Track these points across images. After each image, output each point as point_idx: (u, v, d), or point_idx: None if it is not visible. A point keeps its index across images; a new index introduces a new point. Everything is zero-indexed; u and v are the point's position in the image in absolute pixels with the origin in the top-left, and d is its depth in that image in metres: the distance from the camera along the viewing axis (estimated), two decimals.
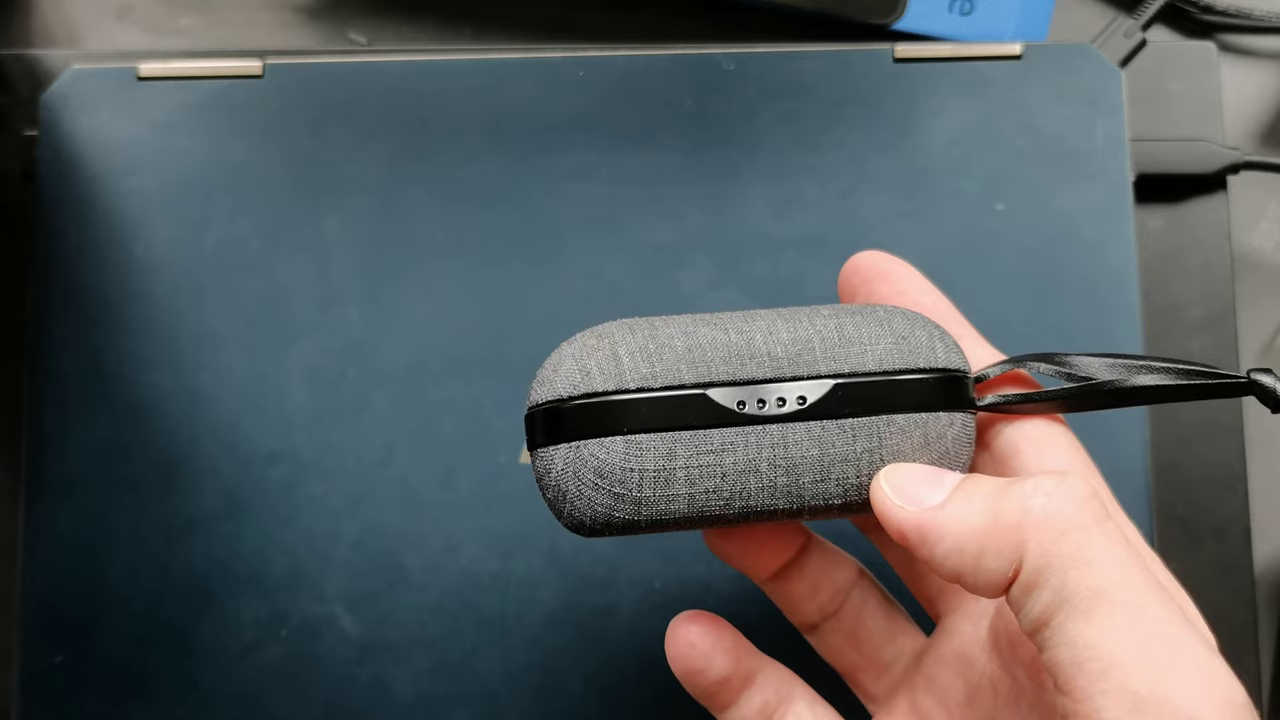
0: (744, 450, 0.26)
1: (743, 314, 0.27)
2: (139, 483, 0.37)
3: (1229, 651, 0.38)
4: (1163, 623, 0.22)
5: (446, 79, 0.39)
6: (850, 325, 0.27)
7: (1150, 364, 0.27)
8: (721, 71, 0.39)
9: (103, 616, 0.37)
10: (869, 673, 0.31)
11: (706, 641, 0.29)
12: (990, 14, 0.42)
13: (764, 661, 0.30)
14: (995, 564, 0.24)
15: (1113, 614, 0.22)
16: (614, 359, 0.26)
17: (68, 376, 0.37)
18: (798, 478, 0.26)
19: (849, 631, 0.31)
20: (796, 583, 0.31)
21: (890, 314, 0.27)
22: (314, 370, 0.37)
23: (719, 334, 0.26)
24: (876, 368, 0.26)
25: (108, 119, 0.39)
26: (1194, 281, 0.41)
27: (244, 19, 0.46)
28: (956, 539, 0.24)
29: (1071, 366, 0.27)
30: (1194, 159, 0.40)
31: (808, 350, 0.26)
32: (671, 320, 0.27)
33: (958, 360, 0.27)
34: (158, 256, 0.38)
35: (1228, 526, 0.39)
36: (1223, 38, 0.45)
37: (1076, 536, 0.23)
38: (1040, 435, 0.28)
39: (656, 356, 0.26)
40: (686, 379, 0.26)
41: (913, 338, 0.27)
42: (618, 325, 0.27)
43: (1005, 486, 0.24)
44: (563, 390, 0.26)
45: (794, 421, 0.26)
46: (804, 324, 0.27)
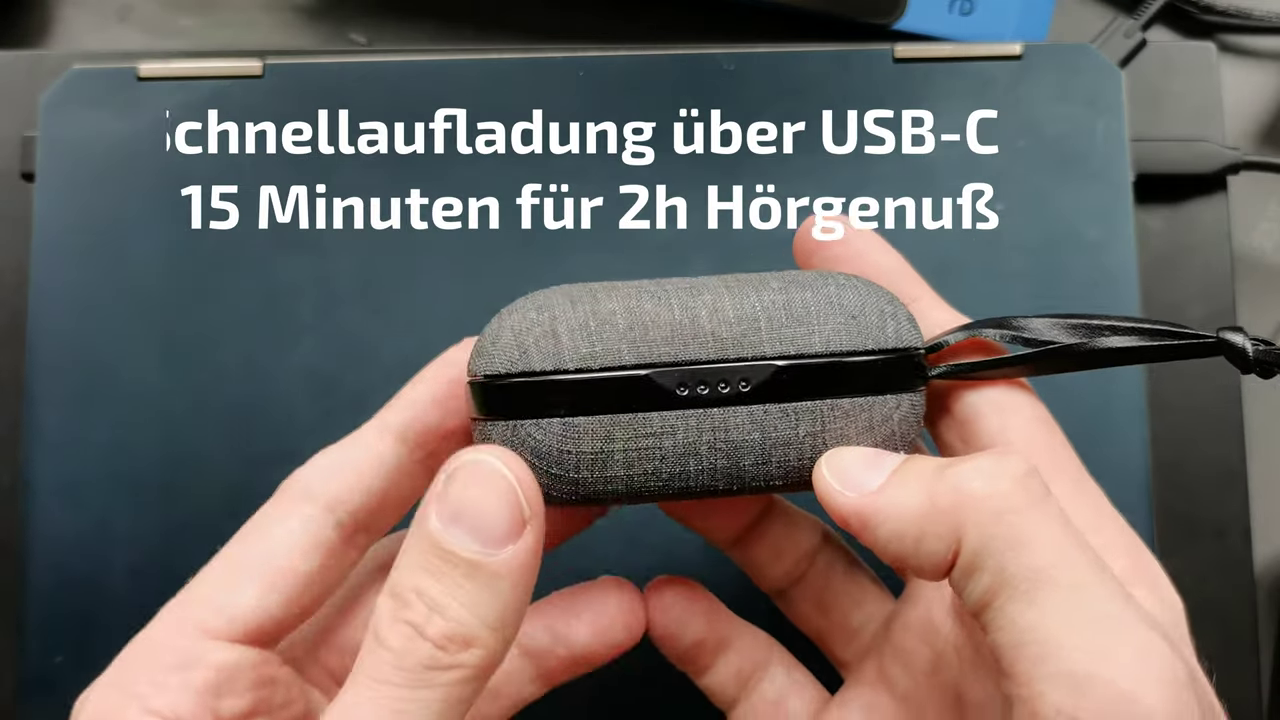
0: (684, 434, 0.25)
1: (690, 284, 0.26)
2: (139, 483, 0.37)
3: (1229, 651, 0.39)
4: (1102, 602, 0.22)
5: (446, 79, 0.39)
6: (799, 301, 0.26)
7: (1116, 324, 0.27)
8: (721, 71, 0.39)
9: (103, 616, 0.37)
10: (838, 638, 0.31)
11: (681, 605, 0.30)
12: (990, 14, 0.42)
13: (741, 627, 0.30)
14: (934, 547, 0.23)
15: (1051, 596, 0.22)
16: (553, 336, 0.25)
17: (68, 376, 0.37)
18: (738, 460, 0.26)
19: (816, 597, 0.31)
20: (758, 547, 0.31)
21: (842, 287, 0.26)
22: (314, 370, 0.37)
23: (663, 310, 0.26)
24: (823, 349, 0.26)
25: (108, 119, 0.39)
26: (1194, 281, 0.40)
27: (244, 19, 0.46)
28: (895, 524, 0.24)
29: (1028, 330, 0.27)
30: (1194, 159, 0.40)
31: (753, 330, 0.25)
32: (616, 289, 0.26)
33: (910, 336, 0.26)
34: (158, 256, 0.38)
35: (1228, 526, 0.39)
36: (1223, 38, 0.45)
37: (1013, 518, 0.23)
38: (1002, 400, 0.27)
39: (597, 335, 0.25)
40: (627, 359, 0.25)
41: (863, 316, 0.26)
42: (561, 294, 0.26)
43: (942, 469, 0.24)
44: (500, 366, 0.25)
45: (736, 405, 0.25)
46: (751, 298, 0.26)
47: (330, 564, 0.27)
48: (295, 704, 0.27)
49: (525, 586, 0.23)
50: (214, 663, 0.25)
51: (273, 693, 0.26)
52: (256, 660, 0.26)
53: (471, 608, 0.22)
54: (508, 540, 0.23)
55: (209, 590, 0.26)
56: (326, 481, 0.27)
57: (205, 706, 0.25)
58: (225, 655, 0.25)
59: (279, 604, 0.26)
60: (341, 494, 0.27)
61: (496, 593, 0.23)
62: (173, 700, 0.24)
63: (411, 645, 0.22)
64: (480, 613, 0.22)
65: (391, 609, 0.23)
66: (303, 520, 0.26)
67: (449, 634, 0.22)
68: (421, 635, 0.22)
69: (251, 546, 0.26)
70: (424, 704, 0.22)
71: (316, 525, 0.26)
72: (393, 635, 0.22)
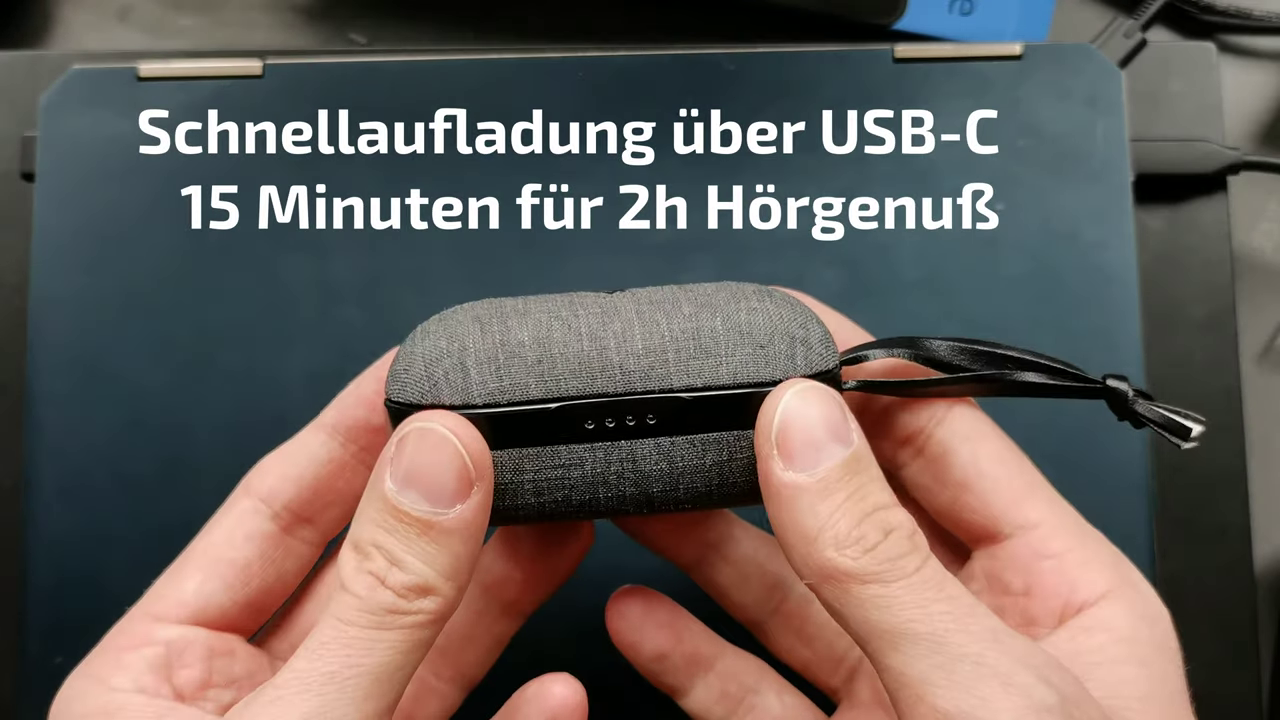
0: (591, 465, 0.26)
1: (603, 308, 0.26)
2: (139, 483, 0.37)
3: (1229, 651, 0.39)
4: (962, 648, 0.23)
5: (446, 79, 0.39)
6: (708, 330, 0.26)
7: (1014, 355, 0.28)
8: (721, 71, 0.39)
9: (103, 616, 0.36)
10: (825, 668, 0.31)
11: (637, 613, 0.30)
12: (990, 14, 0.42)
13: (724, 648, 0.31)
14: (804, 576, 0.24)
15: (915, 645, 0.23)
16: (461, 370, 0.25)
17: (68, 376, 0.37)
18: (646, 489, 0.26)
19: (797, 628, 0.31)
20: (723, 571, 0.31)
21: (753, 313, 0.26)
22: (314, 370, 0.37)
23: (572, 339, 0.26)
24: (730, 381, 0.25)
25: (108, 119, 0.39)
26: (1194, 281, 0.40)
27: (244, 19, 0.46)
28: (790, 533, 0.24)
29: (933, 352, 0.28)
30: (1194, 159, 0.40)
31: (660, 363, 0.25)
32: (529, 312, 0.26)
33: (821, 360, 0.26)
34: (157, 256, 0.38)
35: (1228, 526, 0.39)
36: (1223, 38, 0.45)
37: (877, 587, 0.23)
38: (966, 430, 0.28)
39: (505, 369, 0.25)
40: (534, 394, 0.25)
41: (771, 345, 0.26)
42: (472, 319, 0.26)
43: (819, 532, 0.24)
44: (412, 395, 0.26)
45: (643, 437, 0.26)
46: (660, 326, 0.26)
47: (271, 552, 0.29)
48: (260, 673, 0.29)
49: (475, 540, 0.25)
50: (163, 639, 0.28)
51: (230, 663, 0.28)
52: (207, 637, 0.28)
53: (427, 561, 0.24)
54: (456, 500, 0.24)
55: (161, 584, 0.29)
56: (264, 477, 0.29)
57: (161, 677, 0.27)
58: (173, 633, 0.28)
59: (220, 588, 0.28)
60: (276, 487, 0.29)
61: (448, 547, 0.24)
62: (131, 676, 0.27)
63: (374, 593, 0.24)
64: (435, 565, 0.24)
65: (355, 560, 0.24)
66: (240, 513, 0.29)
67: (408, 584, 0.24)
68: (383, 584, 0.24)
69: (198, 542, 0.29)
70: (388, 643, 0.24)
71: (252, 517, 0.29)
72: (357, 583, 0.24)
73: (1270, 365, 0.43)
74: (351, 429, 0.29)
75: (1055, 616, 0.26)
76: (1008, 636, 0.23)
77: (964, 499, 0.28)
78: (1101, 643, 0.26)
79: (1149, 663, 0.26)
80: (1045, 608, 0.27)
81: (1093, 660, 0.25)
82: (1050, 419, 0.37)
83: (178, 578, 0.29)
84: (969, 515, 0.28)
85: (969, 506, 0.28)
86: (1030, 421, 0.37)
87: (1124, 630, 0.26)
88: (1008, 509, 0.27)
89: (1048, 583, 0.27)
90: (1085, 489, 0.36)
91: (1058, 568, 0.27)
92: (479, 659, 0.31)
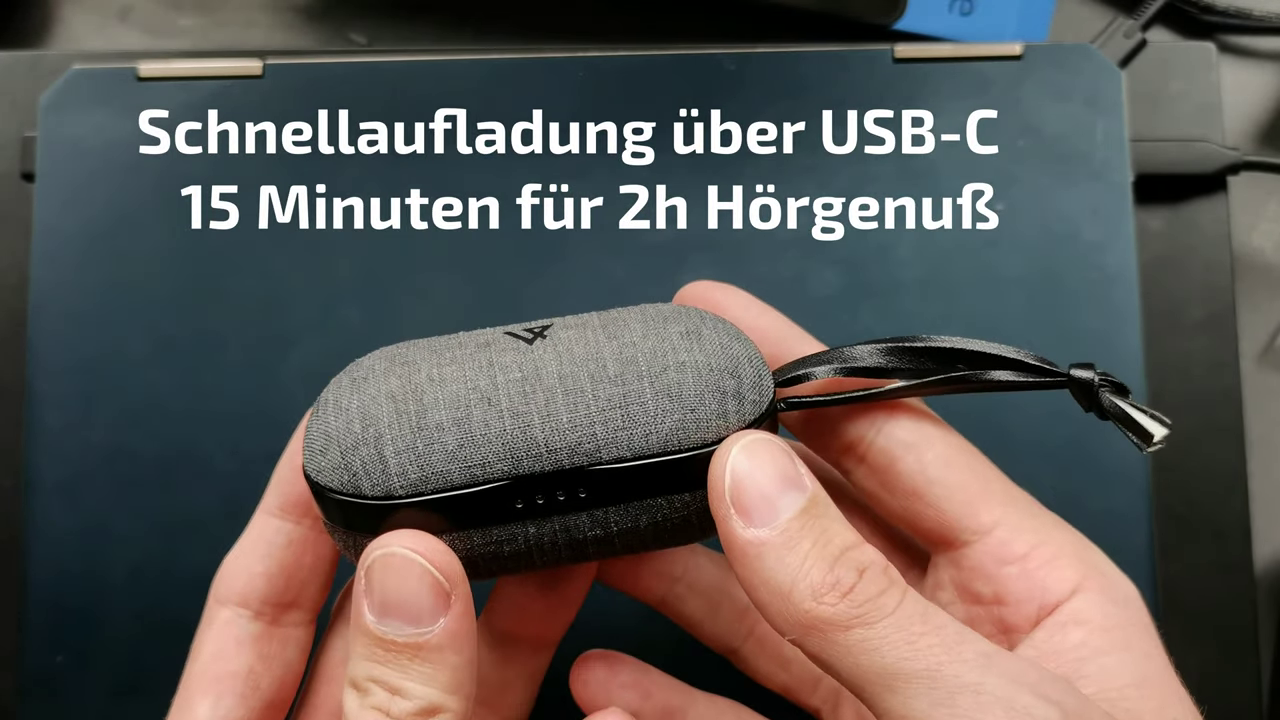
0: (524, 539, 0.25)
1: (524, 372, 0.25)
2: (139, 483, 0.37)
3: (1229, 651, 0.39)
4: (959, 679, 0.22)
5: (446, 79, 0.39)
6: (634, 396, 0.25)
7: (954, 349, 0.26)
8: (722, 71, 0.39)
9: (103, 616, 0.37)
10: (805, 689, 0.31)
11: (601, 677, 0.30)
12: (990, 14, 0.42)
13: (694, 697, 0.30)
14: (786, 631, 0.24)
15: (910, 684, 0.22)
16: (379, 461, 0.24)
17: (68, 376, 0.37)
18: (582, 551, 0.26)
19: (772, 652, 0.31)
20: (690, 602, 0.31)
21: (682, 369, 0.25)
22: (314, 370, 0.37)
23: (493, 418, 0.24)
24: (660, 449, 0.25)
25: (108, 119, 0.39)
26: (1194, 281, 0.40)
27: (244, 19, 0.46)
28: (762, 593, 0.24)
29: (854, 360, 0.27)
30: (1194, 159, 0.40)
31: (588, 439, 0.24)
32: (445, 381, 0.25)
33: (754, 410, 0.25)
34: (157, 256, 0.38)
35: (1228, 526, 0.39)
36: (1223, 38, 0.45)
37: (861, 631, 0.23)
38: (909, 438, 0.27)
39: (425, 458, 0.24)
40: (457, 481, 0.24)
41: (701, 406, 0.25)
42: (386, 397, 0.25)
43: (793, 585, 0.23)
44: (332, 483, 0.25)
45: (575, 511, 0.25)
46: (586, 396, 0.25)
47: (267, 649, 0.29)
48: None
49: (469, 645, 0.24)
50: None
51: None
52: None
53: (426, 682, 0.24)
54: (437, 615, 0.24)
55: (176, 717, 0.28)
56: (231, 581, 0.28)
57: None
58: None
59: (233, 704, 0.28)
60: (247, 587, 0.28)
61: (443, 662, 0.24)
62: None
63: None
64: (436, 684, 0.24)
65: (357, 699, 0.24)
66: (221, 625, 0.28)
67: (414, 710, 0.24)
68: (390, 717, 0.24)
69: (194, 664, 0.28)
70: None
71: (234, 624, 0.28)
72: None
73: (1270, 365, 0.43)
74: (298, 506, 0.28)
75: (1030, 621, 0.26)
76: (1001, 658, 0.23)
77: (915, 507, 0.27)
78: (1082, 637, 0.25)
79: (1131, 646, 0.25)
80: (1020, 614, 0.26)
81: (1077, 656, 0.25)
82: (1050, 419, 0.37)
83: (188, 708, 0.28)
84: (923, 523, 0.27)
85: (922, 515, 0.27)
86: (1030, 421, 0.37)
87: (1100, 619, 0.26)
88: (962, 515, 0.27)
89: (1016, 589, 0.26)
90: (1085, 489, 0.36)
91: (1023, 573, 0.26)
92: (519, 700, 0.30)
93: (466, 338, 0.26)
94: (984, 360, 0.27)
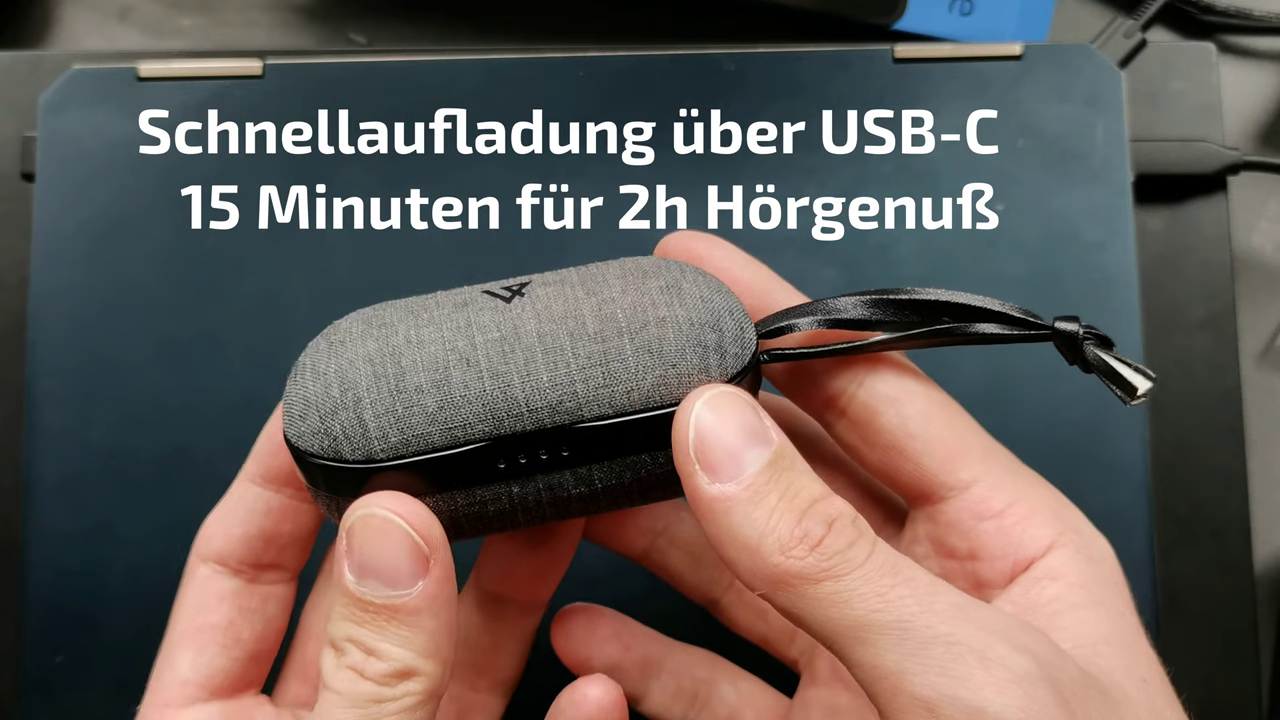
0: (508, 499, 0.25)
1: (502, 331, 0.25)
2: (139, 483, 0.37)
3: (1229, 651, 0.39)
4: (931, 630, 0.22)
5: (446, 79, 0.39)
6: (616, 355, 0.24)
7: (940, 301, 0.26)
8: (721, 71, 0.39)
9: (103, 616, 0.37)
10: (783, 640, 0.31)
11: (581, 630, 0.30)
12: (990, 14, 0.42)
13: (672, 647, 0.31)
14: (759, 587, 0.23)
15: (881, 635, 0.22)
16: (359, 425, 0.24)
17: (68, 376, 0.37)
18: (567, 508, 0.25)
19: (750, 603, 0.31)
20: (672, 556, 0.31)
21: (663, 324, 0.25)
22: None
23: (473, 379, 0.24)
24: (642, 406, 0.24)
25: (108, 119, 0.39)
26: (1194, 281, 0.40)
27: (244, 19, 0.46)
28: (730, 549, 0.24)
29: (837, 311, 0.26)
30: (1194, 159, 0.40)
31: (569, 396, 0.24)
32: (423, 342, 0.25)
33: (736, 362, 0.25)
34: (157, 256, 0.38)
35: (1228, 526, 0.39)
36: (1223, 38, 0.45)
37: (831, 584, 0.23)
38: (891, 391, 0.27)
39: (405, 421, 0.24)
40: (438, 443, 0.24)
41: (684, 362, 0.24)
42: (364, 361, 0.25)
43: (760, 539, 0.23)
44: (311, 446, 0.25)
45: (559, 469, 0.25)
46: (566, 354, 0.24)
47: (248, 603, 0.29)
48: None
49: (447, 610, 0.24)
50: None
51: None
52: (221, 709, 0.28)
53: (401, 644, 0.24)
54: (415, 578, 0.24)
55: (157, 674, 0.29)
56: (209, 541, 0.29)
57: None
58: (187, 717, 0.28)
59: (215, 654, 0.28)
60: (223, 546, 0.29)
61: (420, 626, 0.24)
62: None
63: (356, 686, 0.24)
64: (412, 647, 0.24)
65: (333, 658, 0.24)
66: (201, 580, 0.29)
67: (386, 671, 0.24)
68: (363, 677, 0.24)
69: (176, 618, 0.29)
70: None
71: (212, 580, 0.29)
72: (337, 680, 0.24)
73: (1270, 365, 0.43)
74: (277, 477, 0.29)
75: (1005, 576, 0.26)
76: (974, 608, 0.22)
77: (895, 461, 0.27)
78: (1056, 592, 0.25)
79: (1104, 603, 0.25)
80: (994, 569, 0.26)
81: (1051, 610, 0.25)
82: (1050, 419, 0.37)
83: (170, 661, 0.29)
84: (902, 477, 0.27)
85: (901, 469, 0.27)
86: (1030, 420, 0.37)
87: (1074, 576, 0.25)
88: (940, 470, 0.26)
89: (992, 545, 0.26)
90: (1085, 489, 0.36)
91: (999, 528, 0.26)
92: (511, 661, 0.31)
93: (444, 297, 0.26)
94: (968, 313, 0.26)
